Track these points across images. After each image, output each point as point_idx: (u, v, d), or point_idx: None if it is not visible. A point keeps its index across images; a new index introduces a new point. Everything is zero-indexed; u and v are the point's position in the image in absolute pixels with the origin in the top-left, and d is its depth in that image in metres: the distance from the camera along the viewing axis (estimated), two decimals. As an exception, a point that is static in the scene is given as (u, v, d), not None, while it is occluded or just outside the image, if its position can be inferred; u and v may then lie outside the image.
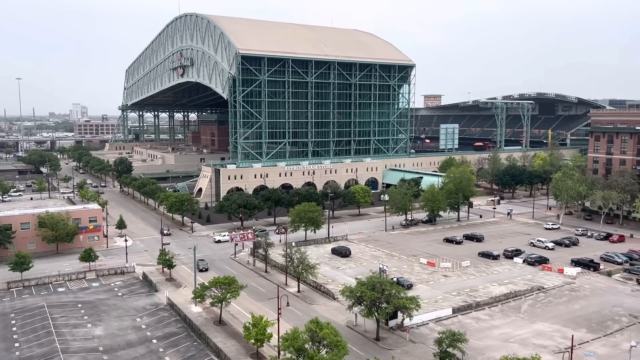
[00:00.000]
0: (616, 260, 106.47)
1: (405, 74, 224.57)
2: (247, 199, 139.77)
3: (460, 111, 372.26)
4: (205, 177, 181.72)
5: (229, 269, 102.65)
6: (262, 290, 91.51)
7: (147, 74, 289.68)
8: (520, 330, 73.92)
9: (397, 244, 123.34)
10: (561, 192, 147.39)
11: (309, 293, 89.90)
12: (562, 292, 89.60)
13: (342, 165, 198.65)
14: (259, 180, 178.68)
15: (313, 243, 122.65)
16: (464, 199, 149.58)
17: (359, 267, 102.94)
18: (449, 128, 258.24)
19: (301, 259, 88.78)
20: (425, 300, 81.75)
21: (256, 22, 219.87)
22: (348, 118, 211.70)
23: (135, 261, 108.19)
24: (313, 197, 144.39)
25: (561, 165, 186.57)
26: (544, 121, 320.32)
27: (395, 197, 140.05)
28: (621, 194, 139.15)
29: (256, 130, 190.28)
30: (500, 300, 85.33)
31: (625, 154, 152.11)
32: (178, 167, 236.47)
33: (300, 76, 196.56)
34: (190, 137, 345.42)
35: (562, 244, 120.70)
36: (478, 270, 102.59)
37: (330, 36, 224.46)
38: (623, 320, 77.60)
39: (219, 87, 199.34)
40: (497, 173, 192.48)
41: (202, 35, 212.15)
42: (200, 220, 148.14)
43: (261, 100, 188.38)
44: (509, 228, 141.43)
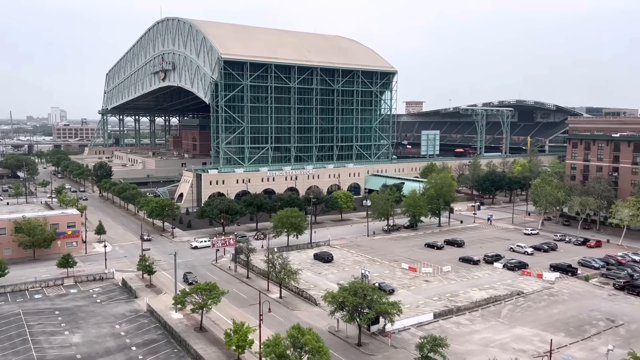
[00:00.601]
0: (593, 265, 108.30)
1: (387, 81, 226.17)
2: (228, 204, 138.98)
3: (441, 118, 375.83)
4: (186, 182, 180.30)
5: (210, 275, 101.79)
6: (244, 296, 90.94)
7: (128, 77, 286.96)
8: (500, 335, 74.64)
9: (379, 249, 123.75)
10: (540, 198, 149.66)
11: (291, 299, 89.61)
12: (541, 297, 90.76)
13: (324, 171, 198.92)
14: (241, 186, 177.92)
15: (295, 248, 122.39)
16: (444, 205, 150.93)
17: (341, 273, 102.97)
18: (430, 134, 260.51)
19: (283, 265, 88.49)
20: (406, 306, 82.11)
21: (239, 27, 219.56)
22: (330, 124, 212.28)
23: (114, 267, 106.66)
24: (295, 203, 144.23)
25: (540, 172, 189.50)
26: (523, 128, 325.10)
27: (377, 203, 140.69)
28: (598, 200, 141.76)
29: (238, 135, 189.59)
30: (480, 305, 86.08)
31: (601, 161, 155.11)
32: (159, 172, 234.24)
33: (283, 81, 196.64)
34: (172, 141, 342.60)
35: (541, 249, 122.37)
36: (459, 275, 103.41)
37: (313, 42, 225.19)
38: (600, 324, 78.88)
39: (201, 91, 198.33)
40: (478, 179, 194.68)
41: (184, 40, 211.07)
42: (181, 225, 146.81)
43: (244, 105, 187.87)
44: (489, 233, 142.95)
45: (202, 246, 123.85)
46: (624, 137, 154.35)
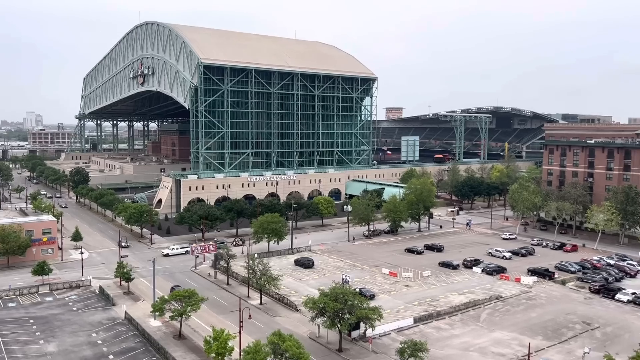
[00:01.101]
0: (570, 269, 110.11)
1: (368, 87, 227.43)
2: (208, 210, 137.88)
3: (421, 124, 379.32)
4: (165, 187, 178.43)
5: (189, 282, 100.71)
6: (224, 302, 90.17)
7: (106, 82, 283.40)
8: (480, 339, 75.30)
9: (359, 254, 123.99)
10: (517, 203, 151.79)
11: (272, 305, 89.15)
12: (519, 301, 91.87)
13: (305, 176, 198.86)
14: (221, 191, 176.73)
15: (276, 254, 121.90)
16: (424, 210, 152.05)
17: (322, 278, 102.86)
18: (410, 140, 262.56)
19: (264, 271, 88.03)
20: (387, 311, 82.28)
21: (219, 32, 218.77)
22: (311, 129, 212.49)
23: (91, 274, 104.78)
24: (276, 208, 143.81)
25: (517, 177, 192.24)
26: (501, 134, 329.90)
27: (358, 208, 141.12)
28: (574, 205, 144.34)
29: (218, 140, 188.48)
30: (460, 309, 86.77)
31: (577, 167, 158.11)
32: (137, 178, 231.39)
33: (264, 87, 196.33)
34: (150, 147, 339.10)
35: (519, 254, 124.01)
36: (438, 280, 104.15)
37: (294, 48, 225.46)
38: (577, 327, 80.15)
39: (181, 96, 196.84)
40: (457, 184, 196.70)
41: (163, 44, 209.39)
42: (159, 232, 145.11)
43: (224, 110, 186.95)
44: (468, 238, 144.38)
45: (174, 253, 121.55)
46: (598, 143, 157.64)
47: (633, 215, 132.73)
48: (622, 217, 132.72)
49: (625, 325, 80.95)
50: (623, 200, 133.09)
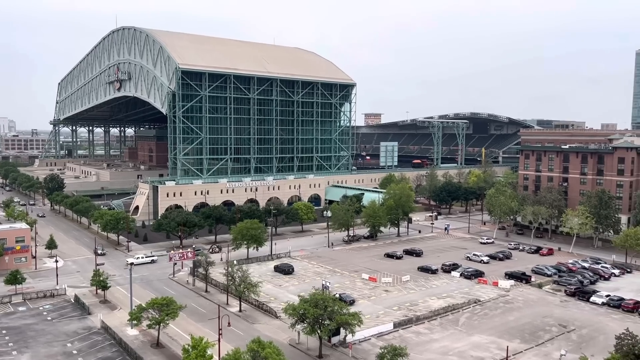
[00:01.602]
0: (546, 272, 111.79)
1: (347, 93, 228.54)
2: (186, 216, 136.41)
3: (399, 129, 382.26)
4: (142, 194, 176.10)
5: (167, 290, 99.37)
6: (202, 310, 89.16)
7: (81, 87, 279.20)
8: (459, 343, 75.82)
9: (339, 260, 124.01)
10: (495, 207, 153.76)
11: (251, 312, 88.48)
12: (497, 305, 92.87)
13: (285, 182, 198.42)
14: (200, 197, 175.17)
15: (255, 261, 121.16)
16: (403, 215, 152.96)
17: (302, 284, 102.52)
18: (388, 146, 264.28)
19: (243, 278, 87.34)
20: (367, 316, 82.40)
21: (197, 38, 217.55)
22: (291, 135, 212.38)
23: (66, 283, 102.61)
24: (255, 214, 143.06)
25: (494, 182, 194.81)
26: (478, 140, 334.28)
27: (338, 214, 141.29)
28: (549, 209, 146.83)
29: (197, 146, 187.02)
30: (439, 313, 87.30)
31: (552, 172, 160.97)
32: (114, 184, 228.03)
33: (243, 92, 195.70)
34: (127, 153, 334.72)
35: (497, 258, 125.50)
36: (418, 284, 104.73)
37: (273, 54, 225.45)
38: (553, 330, 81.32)
39: (158, 101, 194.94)
40: (435, 189, 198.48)
41: (140, 49, 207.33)
42: (136, 239, 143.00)
43: (202, 115, 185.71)
44: (446, 243, 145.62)
45: (139, 262, 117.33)
46: (572, 148, 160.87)
47: (606, 219, 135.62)
48: (596, 220, 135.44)
49: (600, 327, 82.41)
50: (597, 204, 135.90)
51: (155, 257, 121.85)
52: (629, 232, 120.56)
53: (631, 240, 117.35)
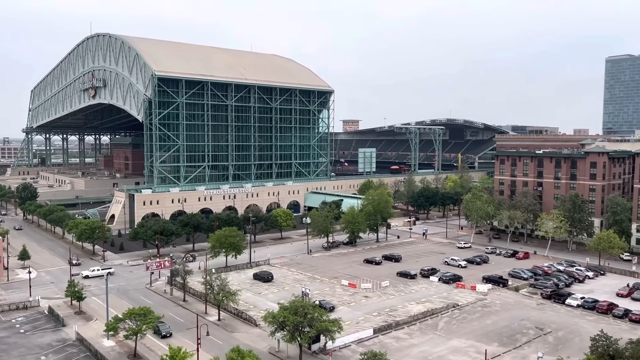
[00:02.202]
0: (522, 276, 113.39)
1: (325, 99, 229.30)
2: (163, 225, 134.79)
3: (377, 136, 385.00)
4: (118, 202, 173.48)
5: (144, 299, 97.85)
6: (180, 320, 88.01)
7: (55, 94, 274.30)
8: (438, 348, 76.28)
9: (319, 266, 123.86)
10: (471, 212, 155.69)
11: (230, 321, 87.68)
12: (475, 309, 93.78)
13: (263, 189, 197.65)
14: (177, 205, 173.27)
15: (234, 269, 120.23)
16: (382, 221, 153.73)
17: (281, 292, 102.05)
18: (367, 152, 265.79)
19: (222, 286, 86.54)
20: (347, 322, 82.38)
21: (173, 44, 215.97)
22: (269, 141, 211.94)
23: (40, 294, 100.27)
24: (234, 222, 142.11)
25: (471, 187, 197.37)
26: (454, 145, 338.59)
27: (317, 220, 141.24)
28: (525, 214, 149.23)
29: (174, 153, 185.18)
30: (418, 318, 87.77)
31: (527, 176, 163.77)
32: (89, 193, 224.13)
33: (220, 99, 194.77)
34: (103, 161, 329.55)
35: (474, 262, 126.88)
36: (397, 289, 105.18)
37: (250, 60, 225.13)
38: (530, 332, 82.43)
39: (134, 109, 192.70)
40: (413, 195, 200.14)
41: (115, 56, 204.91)
42: (112, 248, 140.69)
43: (179, 122, 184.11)
44: (424, 248, 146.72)
45: (94, 275, 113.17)
46: (546, 153, 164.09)
47: (580, 222, 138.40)
48: (570, 224, 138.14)
49: (575, 329, 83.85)
50: (570, 208, 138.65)
51: (112, 270, 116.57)
52: (602, 235, 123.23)
53: (604, 243, 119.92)
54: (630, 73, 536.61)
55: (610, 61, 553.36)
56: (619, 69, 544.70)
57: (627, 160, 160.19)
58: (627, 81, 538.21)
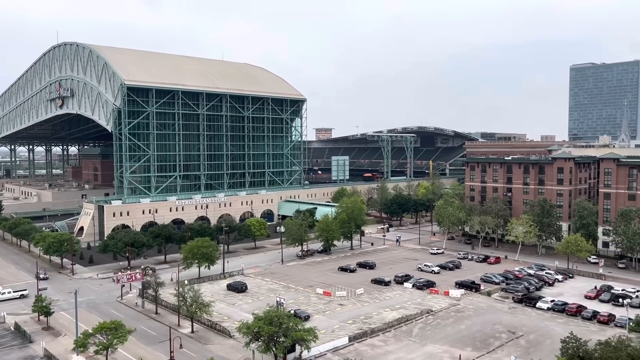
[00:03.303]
0: (494, 280, 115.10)
1: (297, 108, 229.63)
2: (134, 236, 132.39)
3: (350, 144, 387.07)
4: (87, 214, 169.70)
5: (115, 313, 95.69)
6: (153, 333, 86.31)
7: (20, 105, 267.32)
8: (413, 354, 76.64)
9: (293, 275, 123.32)
10: (443, 218, 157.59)
11: (204, 333, 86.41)
12: (448, 314, 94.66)
13: (236, 198, 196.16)
14: (148, 216, 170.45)
15: (207, 280, 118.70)
16: (356, 228, 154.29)
17: (255, 302, 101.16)
18: (340, 160, 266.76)
19: (195, 298, 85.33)
20: (322, 331, 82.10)
21: (143, 53, 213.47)
22: (242, 150, 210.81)
23: (5, 310, 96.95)
24: (207, 232, 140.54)
25: (442, 194, 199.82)
26: (425, 153, 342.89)
27: (291, 229, 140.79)
28: (495, 219, 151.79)
29: (144, 163, 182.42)
30: (393, 325, 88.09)
31: (497, 182, 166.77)
32: (56, 205, 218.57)
33: (191, 108, 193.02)
34: (71, 172, 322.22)
35: (447, 268, 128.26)
36: (371, 297, 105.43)
37: (222, 69, 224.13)
38: (503, 336, 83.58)
39: (103, 119, 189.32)
40: (386, 202, 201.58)
41: (83, 66, 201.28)
42: (82, 261, 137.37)
43: (149, 132, 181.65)
44: (398, 254, 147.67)
45: (4, 298, 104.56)
46: (515, 159, 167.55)
47: (548, 226, 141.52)
48: (539, 229, 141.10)
49: (546, 332, 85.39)
50: (539, 212, 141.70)
51: (25, 292, 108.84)
52: (570, 238, 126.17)
53: (572, 246, 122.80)
54: (594, 81, 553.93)
55: (575, 69, 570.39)
56: (583, 77, 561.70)
57: (592, 166, 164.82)
58: (591, 89, 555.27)
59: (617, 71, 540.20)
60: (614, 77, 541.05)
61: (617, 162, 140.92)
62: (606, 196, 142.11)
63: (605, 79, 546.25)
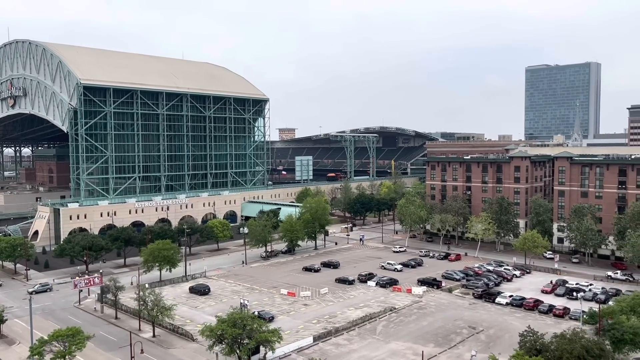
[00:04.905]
0: (455, 277, 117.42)
1: (260, 108, 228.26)
2: (92, 240, 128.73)
3: (314, 144, 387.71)
4: (42, 218, 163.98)
5: (72, 319, 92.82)
6: (113, 338, 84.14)
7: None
8: (377, 352, 77.34)
9: (257, 276, 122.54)
10: (405, 217, 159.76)
11: (166, 337, 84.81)
12: (411, 311, 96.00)
13: (198, 200, 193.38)
14: (106, 219, 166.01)
15: (169, 283, 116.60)
16: (320, 228, 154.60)
17: (219, 305, 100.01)
18: (303, 160, 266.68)
19: (156, 301, 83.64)
20: (287, 332, 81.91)
21: (100, 52, 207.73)
22: (203, 151, 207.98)
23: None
24: (168, 234, 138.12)
25: (404, 193, 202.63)
26: (387, 152, 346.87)
27: (255, 230, 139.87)
28: (455, 217, 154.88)
29: (102, 164, 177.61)
30: (357, 324, 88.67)
31: (456, 181, 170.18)
32: (9, 209, 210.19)
33: (151, 108, 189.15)
34: (24, 174, 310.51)
35: (409, 265, 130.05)
36: (336, 296, 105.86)
37: (182, 68, 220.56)
38: (464, 332, 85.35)
39: (58, 119, 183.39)
40: (349, 202, 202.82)
41: (37, 64, 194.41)
42: (37, 266, 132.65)
43: (107, 133, 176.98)
44: (362, 253, 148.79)
45: None
46: (474, 159, 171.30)
47: (506, 224, 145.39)
48: (497, 226, 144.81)
49: (505, 326, 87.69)
50: (497, 210, 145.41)
51: None
52: (527, 235, 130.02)
53: (529, 242, 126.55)
54: (548, 82, 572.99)
55: (530, 70, 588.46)
56: (538, 78, 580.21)
57: (547, 164, 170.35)
58: (545, 89, 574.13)
59: (569, 73, 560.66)
60: (566, 78, 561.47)
61: (571, 161, 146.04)
62: (560, 193, 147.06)
63: (558, 80, 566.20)
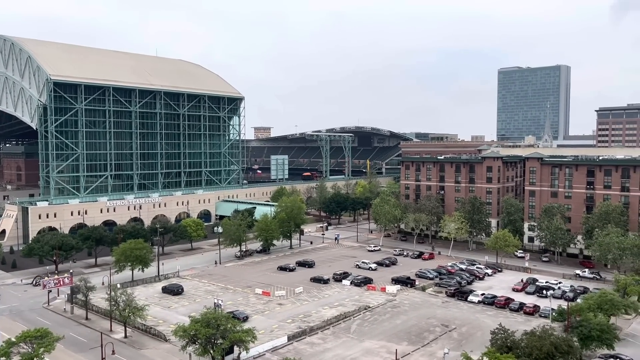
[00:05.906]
0: (428, 276, 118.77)
1: (235, 106, 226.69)
2: (62, 239, 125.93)
3: (289, 143, 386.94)
4: (9, 216, 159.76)
5: (41, 320, 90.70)
6: (83, 340, 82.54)
7: None
8: (351, 350, 77.70)
9: (232, 276, 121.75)
10: (380, 216, 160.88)
11: (138, 337, 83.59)
12: (385, 310, 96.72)
13: (172, 198, 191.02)
14: (77, 218, 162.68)
15: (141, 283, 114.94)
16: (295, 227, 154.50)
17: (192, 305, 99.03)
18: (279, 159, 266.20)
19: (128, 302, 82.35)
20: (261, 331, 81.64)
21: (71, 47, 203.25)
22: (177, 149, 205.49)
23: None
24: (140, 234, 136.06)
25: (379, 192, 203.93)
26: (363, 152, 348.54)
27: (229, 229, 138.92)
28: (429, 216, 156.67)
29: (72, 162, 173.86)
30: (331, 322, 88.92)
31: (430, 181, 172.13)
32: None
33: (123, 105, 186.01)
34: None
35: (384, 264, 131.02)
36: (310, 295, 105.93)
37: (156, 65, 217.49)
38: (437, 330, 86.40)
39: (27, 115, 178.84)
40: (325, 201, 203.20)
41: (4, 59, 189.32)
42: (4, 266, 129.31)
43: (78, 130, 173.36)
44: (337, 252, 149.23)
45: None
46: (447, 159, 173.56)
47: (479, 223, 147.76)
48: (470, 225, 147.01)
49: (477, 324, 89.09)
50: (470, 210, 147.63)
51: None
52: (498, 234, 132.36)
53: (500, 242, 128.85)
54: (520, 84, 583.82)
55: (502, 72, 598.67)
56: (510, 80, 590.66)
57: (518, 164, 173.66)
58: (517, 91, 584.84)
59: (540, 75, 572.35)
60: (538, 80, 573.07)
61: (541, 161, 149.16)
62: (531, 193, 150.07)
63: (530, 82, 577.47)
